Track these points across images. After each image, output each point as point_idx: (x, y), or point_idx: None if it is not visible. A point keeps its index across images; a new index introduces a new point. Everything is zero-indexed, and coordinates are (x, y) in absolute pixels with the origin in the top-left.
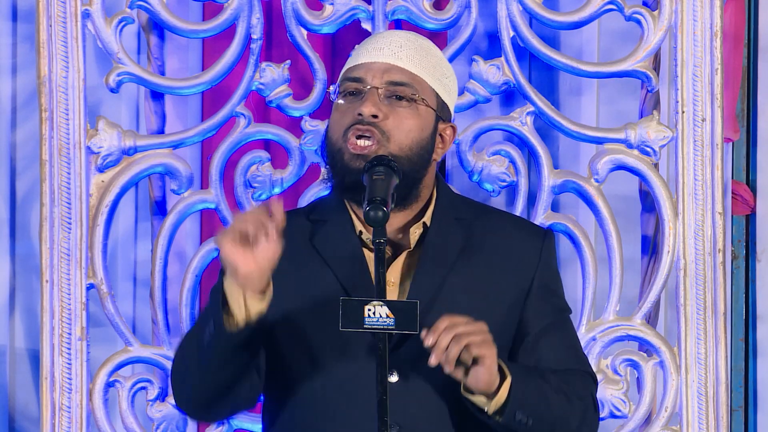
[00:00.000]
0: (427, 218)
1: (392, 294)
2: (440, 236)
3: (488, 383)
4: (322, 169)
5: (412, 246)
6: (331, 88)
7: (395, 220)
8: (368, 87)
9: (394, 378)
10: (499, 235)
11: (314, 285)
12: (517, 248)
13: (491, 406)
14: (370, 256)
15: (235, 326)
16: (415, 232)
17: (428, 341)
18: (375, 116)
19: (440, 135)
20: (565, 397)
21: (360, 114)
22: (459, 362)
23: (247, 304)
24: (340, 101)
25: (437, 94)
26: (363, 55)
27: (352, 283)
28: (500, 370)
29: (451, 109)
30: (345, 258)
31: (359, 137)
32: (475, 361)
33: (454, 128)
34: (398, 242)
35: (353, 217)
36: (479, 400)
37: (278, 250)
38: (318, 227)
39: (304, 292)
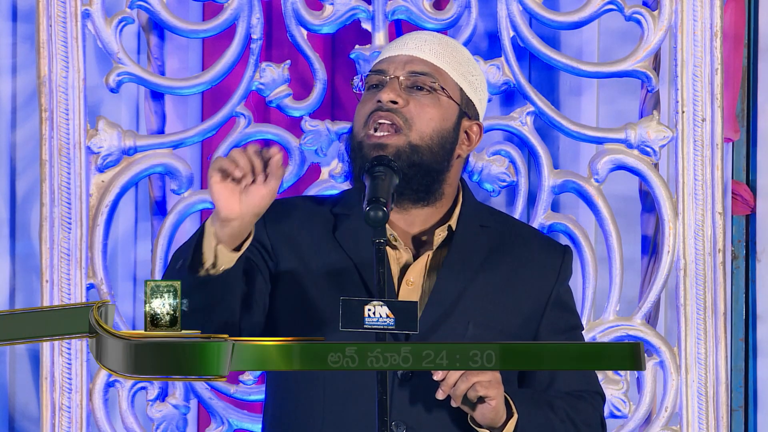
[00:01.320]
0: (452, 222)
1: (412, 294)
2: (466, 242)
3: (493, 420)
4: (323, 169)
5: (435, 248)
6: (355, 80)
7: (419, 218)
8: (389, 77)
9: (402, 377)
10: (522, 248)
11: (335, 276)
12: (539, 262)
13: None
14: (391, 253)
15: (200, 265)
16: (440, 234)
17: (437, 375)
18: (394, 102)
19: (466, 132)
20: (573, 426)
21: (379, 101)
22: (466, 398)
23: (217, 252)
24: (365, 93)
25: (461, 89)
26: (388, 51)
27: (372, 277)
28: (508, 404)
29: (479, 108)
30: (367, 253)
31: (377, 127)
32: (482, 399)
33: (480, 126)
34: (422, 242)
35: None
36: None
37: (269, 198)
38: (341, 221)
39: (324, 282)
